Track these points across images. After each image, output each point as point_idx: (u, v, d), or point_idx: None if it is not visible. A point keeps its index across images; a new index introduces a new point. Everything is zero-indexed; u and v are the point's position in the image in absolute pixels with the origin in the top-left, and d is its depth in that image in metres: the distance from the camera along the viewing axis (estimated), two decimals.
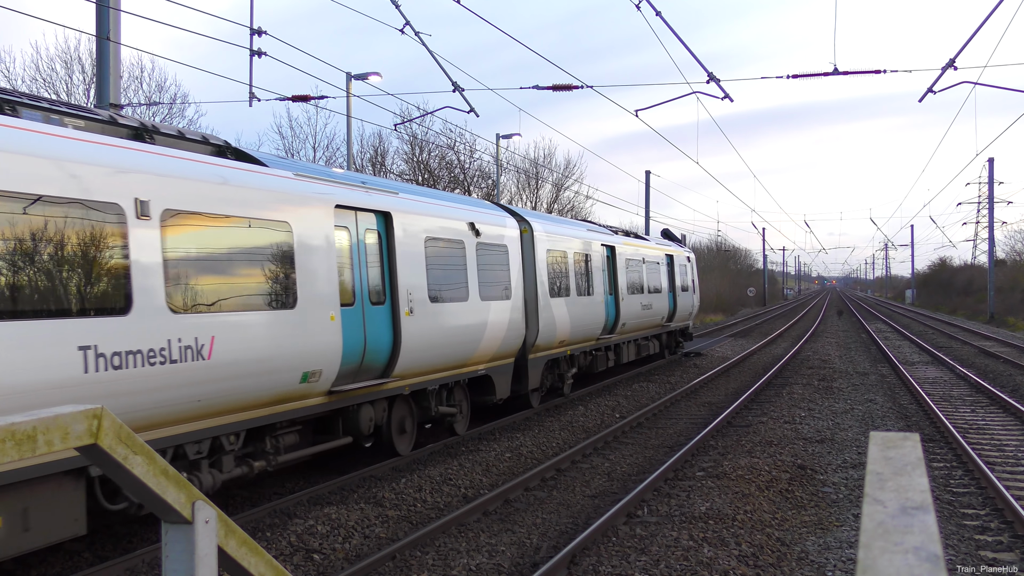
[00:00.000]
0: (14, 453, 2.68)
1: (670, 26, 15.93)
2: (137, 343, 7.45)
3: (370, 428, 11.38)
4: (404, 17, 15.09)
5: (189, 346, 8.01)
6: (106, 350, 7.15)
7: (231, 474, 9.03)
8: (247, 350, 8.79)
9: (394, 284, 11.58)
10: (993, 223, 54.71)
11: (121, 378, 7.27)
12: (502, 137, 36.21)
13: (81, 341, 6.96)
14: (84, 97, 29.62)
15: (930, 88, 17.28)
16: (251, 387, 8.89)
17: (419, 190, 14.78)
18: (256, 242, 9.09)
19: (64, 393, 6.70)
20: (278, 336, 9.24)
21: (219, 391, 8.43)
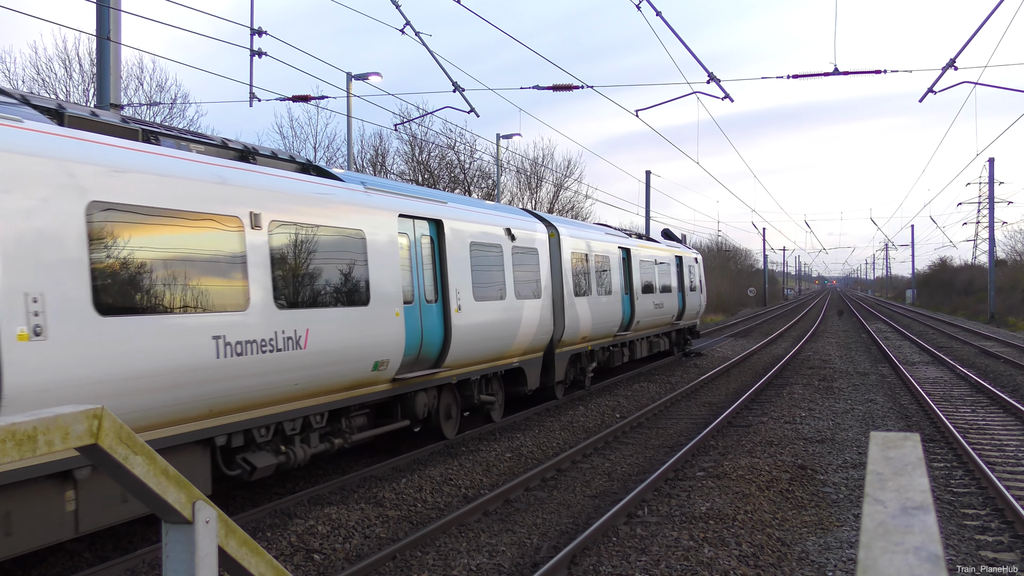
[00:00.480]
0: (14, 453, 2.68)
1: (670, 26, 15.93)
2: (253, 334, 8.85)
3: (424, 413, 12.65)
4: (404, 17, 15.10)
5: (290, 337, 9.39)
6: (231, 340, 8.56)
7: (316, 449, 10.33)
8: (333, 341, 10.11)
9: (445, 284, 12.98)
10: (993, 223, 54.72)
11: (242, 363, 8.65)
12: (502, 137, 36.22)
13: (214, 332, 8.38)
14: (83, 97, 29.63)
15: (930, 88, 17.28)
16: (335, 374, 10.22)
17: (462, 199, 16.47)
18: (338, 247, 10.50)
19: (201, 375, 8.17)
20: (356, 329, 10.59)
21: (311, 376, 9.77)
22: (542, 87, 19.19)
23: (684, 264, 28.36)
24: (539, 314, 16.13)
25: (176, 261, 8.03)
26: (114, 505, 7.53)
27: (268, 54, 15.01)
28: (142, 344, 7.59)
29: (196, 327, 8.16)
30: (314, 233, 10.03)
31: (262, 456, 9.42)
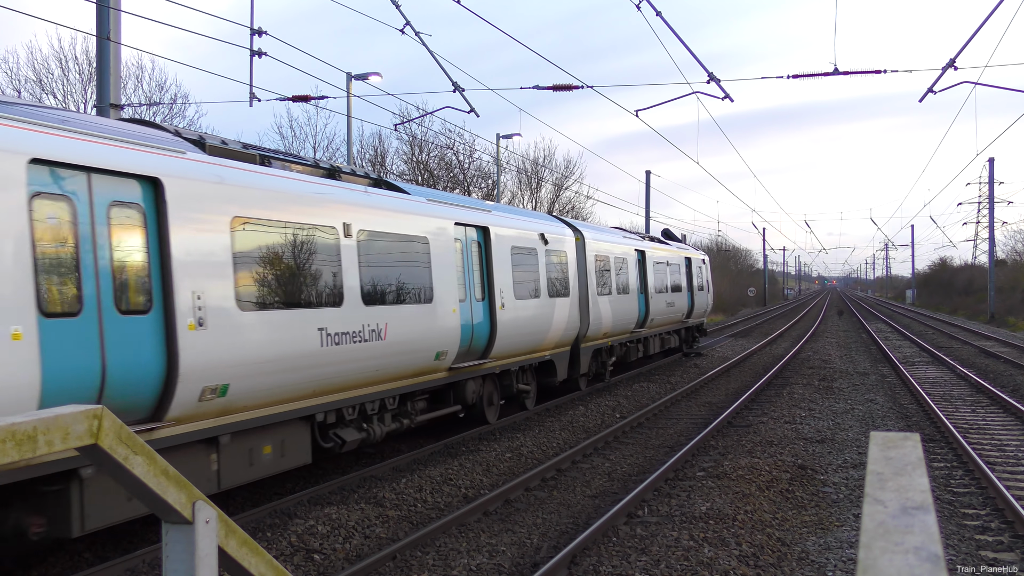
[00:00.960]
0: (14, 453, 2.68)
1: (670, 26, 15.93)
2: (347, 327, 10.41)
3: (474, 399, 14.20)
4: (404, 17, 15.10)
5: (374, 330, 10.97)
6: (331, 331, 10.11)
7: (390, 428, 11.87)
8: (406, 334, 11.67)
9: (491, 284, 14.55)
10: (993, 223, 54.72)
11: (338, 351, 10.21)
12: (502, 137, 36.22)
13: (319, 325, 9.93)
14: (82, 97, 29.63)
15: (930, 88, 17.27)
16: (406, 362, 11.79)
17: (504, 208, 17.96)
18: (408, 252, 12.11)
19: (309, 360, 9.71)
20: (423, 324, 12.17)
21: (389, 364, 11.35)
22: (542, 87, 19.18)
23: (692, 265, 29.68)
24: (568, 311, 17.71)
25: (291, 264, 9.67)
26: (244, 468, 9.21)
27: (268, 54, 15.01)
28: (268, 334, 9.14)
29: (306, 321, 9.77)
30: (390, 240, 11.70)
31: (349, 432, 10.96)
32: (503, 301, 14.75)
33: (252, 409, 9.06)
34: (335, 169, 11.52)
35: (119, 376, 7.45)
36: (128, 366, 7.55)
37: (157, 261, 7.95)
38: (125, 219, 7.73)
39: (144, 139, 8.24)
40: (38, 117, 7.28)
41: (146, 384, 7.78)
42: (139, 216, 7.87)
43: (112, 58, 12.85)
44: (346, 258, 10.56)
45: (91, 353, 7.22)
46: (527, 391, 16.61)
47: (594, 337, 19.47)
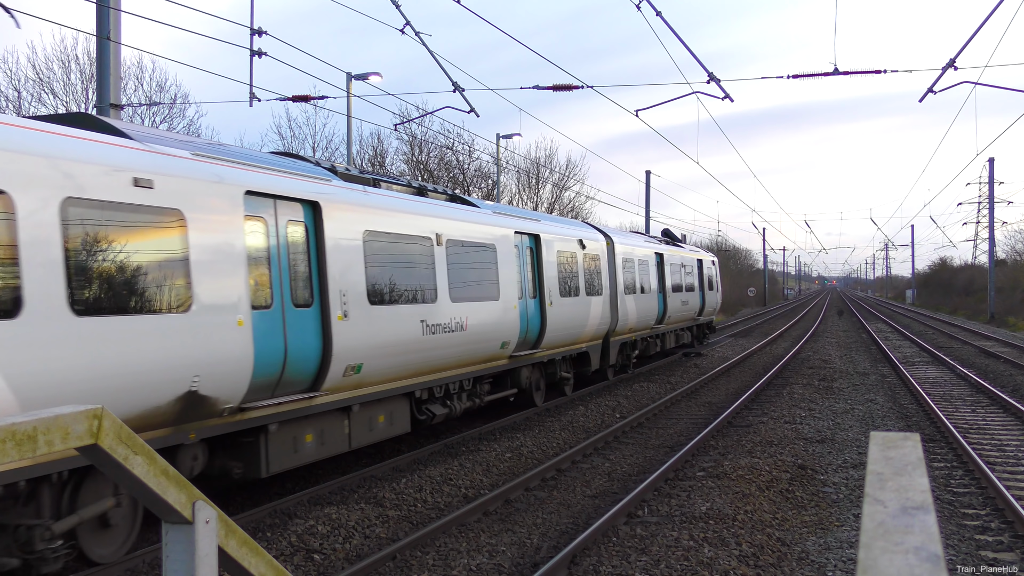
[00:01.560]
0: (14, 453, 2.68)
1: (670, 26, 15.93)
2: (439, 319, 12.63)
3: (526, 384, 16.28)
4: (404, 17, 15.10)
5: (458, 322, 13.19)
6: (429, 323, 12.35)
7: (465, 405, 13.99)
8: (481, 326, 13.91)
9: (541, 283, 16.63)
10: (993, 223, 54.72)
11: (433, 339, 12.47)
12: (503, 137, 36.21)
13: (421, 318, 12.17)
14: (83, 97, 29.63)
15: (930, 88, 17.27)
16: (480, 350, 14.00)
17: (550, 217, 20.71)
18: (481, 257, 14.35)
19: (413, 346, 11.87)
20: (492, 317, 14.41)
21: (468, 351, 13.58)
22: (542, 87, 19.19)
23: (703, 266, 31.75)
24: (601, 308, 19.83)
25: (402, 268, 11.93)
26: (367, 432, 11.34)
27: (268, 54, 15.01)
28: (388, 325, 11.30)
29: (413, 314, 12.00)
30: (469, 246, 13.88)
31: (437, 407, 13.07)
32: (551, 299, 16.93)
33: (374, 385, 11.23)
34: (423, 187, 13.93)
35: (295, 355, 9.62)
36: (300, 347, 9.71)
37: (316, 266, 10.13)
38: (296, 234, 9.92)
39: (300, 170, 10.47)
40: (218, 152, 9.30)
41: (310, 361, 9.91)
42: (303, 231, 10.05)
43: (112, 58, 12.85)
44: (438, 262, 12.81)
45: (279, 336, 9.41)
46: (568, 378, 18.78)
47: (621, 331, 21.53)
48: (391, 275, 11.58)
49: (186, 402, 8.12)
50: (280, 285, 9.48)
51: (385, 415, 11.73)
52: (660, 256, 25.69)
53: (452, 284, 13.07)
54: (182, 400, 8.06)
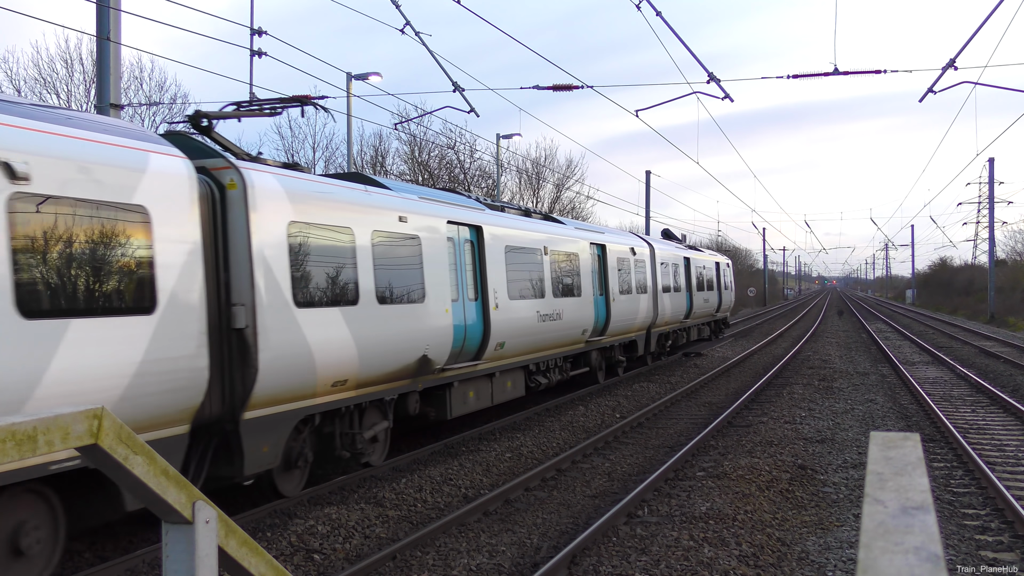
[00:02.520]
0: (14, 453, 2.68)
1: (670, 26, 15.94)
2: (546, 311, 16.51)
3: (594, 364, 20.28)
4: (404, 17, 15.10)
5: (558, 314, 17.09)
6: (542, 314, 16.29)
7: (556, 378, 17.74)
8: (572, 317, 17.90)
9: (606, 283, 20.65)
10: (993, 223, 54.71)
11: (543, 326, 16.35)
12: (503, 137, 36.21)
13: (536, 309, 16.03)
14: (85, 97, 29.64)
15: (930, 88, 17.27)
16: (569, 336, 17.97)
17: (609, 229, 25.11)
18: (571, 262, 18.42)
19: (530, 330, 15.78)
20: (579, 311, 18.43)
21: (561, 336, 17.52)
22: (542, 87, 19.21)
23: (719, 268, 35.66)
24: (647, 304, 23.91)
25: (524, 271, 15.87)
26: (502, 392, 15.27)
27: (268, 54, 15.01)
28: (519, 314, 15.36)
29: (532, 307, 15.95)
30: (563, 255, 18.00)
31: (541, 378, 16.92)
32: (614, 296, 20.85)
33: (509, 358, 15.23)
34: (530, 210, 18.66)
35: (470, 334, 13.69)
36: (472, 329, 13.79)
37: (479, 271, 14.30)
38: (467, 248, 14.11)
39: (465, 203, 14.76)
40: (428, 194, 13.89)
41: (476, 339, 13.95)
42: (471, 246, 14.20)
43: (112, 58, 12.84)
44: (546, 269, 16.86)
45: (461, 321, 13.40)
46: (622, 361, 22.69)
47: (660, 324, 25.47)
48: (521, 277, 15.74)
49: (421, 362, 12.14)
50: (462, 284, 13.67)
51: (512, 381, 15.81)
52: (687, 260, 29.82)
53: (554, 284, 17.20)
54: (420, 361, 12.09)
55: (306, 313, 9.64)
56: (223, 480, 9.00)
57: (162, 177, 8.04)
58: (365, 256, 10.88)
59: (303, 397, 9.76)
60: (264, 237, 9.09)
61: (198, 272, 8.30)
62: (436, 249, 12.75)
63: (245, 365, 8.84)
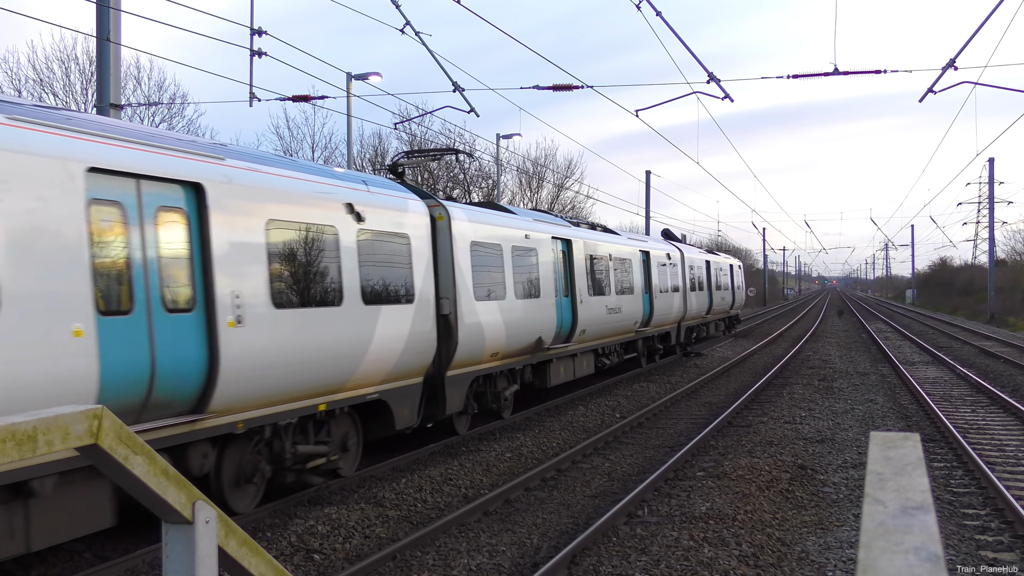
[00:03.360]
0: (14, 453, 2.68)
1: (670, 26, 15.93)
2: (613, 305, 20.58)
3: (640, 350, 24.26)
4: (404, 17, 15.10)
5: (619, 308, 21.15)
6: (608, 307, 20.18)
7: (615, 360, 21.68)
8: (628, 310, 21.93)
9: (649, 282, 24.52)
10: (993, 223, 54.71)
11: (609, 317, 20.32)
12: (503, 137, 36.20)
13: (605, 304, 20.20)
14: (83, 96, 29.62)
15: (930, 88, 17.27)
16: (625, 326, 21.92)
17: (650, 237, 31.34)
18: (626, 265, 22.26)
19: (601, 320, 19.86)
20: (633, 306, 22.52)
21: (620, 326, 21.51)
22: (542, 87, 19.20)
23: (733, 269, 40.29)
24: (679, 301, 28.00)
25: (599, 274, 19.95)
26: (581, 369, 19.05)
27: (268, 54, 15.01)
28: (595, 308, 19.19)
29: (602, 302, 19.90)
30: (621, 260, 22.02)
31: (605, 359, 20.91)
32: (656, 294, 24.94)
33: (586, 343, 19.02)
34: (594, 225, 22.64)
35: (564, 322, 17.52)
36: (566, 318, 17.64)
37: (569, 272, 18.13)
38: (562, 258, 17.98)
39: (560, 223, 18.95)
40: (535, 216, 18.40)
41: (568, 326, 17.77)
42: (563, 255, 18.05)
43: (112, 59, 12.84)
44: (612, 272, 20.98)
45: (559, 312, 17.27)
46: (660, 349, 26.64)
47: (687, 318, 29.33)
48: (595, 278, 19.73)
49: (537, 343, 16.17)
50: (562, 283, 17.75)
51: (586, 361, 19.41)
52: (708, 263, 34.15)
53: (617, 284, 21.33)
54: (536, 341, 16.11)
55: (481, 304, 13.98)
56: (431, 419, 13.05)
57: (414, 215, 12.35)
58: (509, 264, 15.31)
59: (476, 364, 14.02)
60: (460, 252, 13.46)
61: (430, 276, 12.53)
62: (546, 257, 17.05)
63: (449, 339, 13.01)
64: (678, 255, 28.49)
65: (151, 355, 7.68)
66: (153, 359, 7.69)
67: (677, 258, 28.27)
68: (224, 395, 8.37)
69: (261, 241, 9.01)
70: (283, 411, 9.43)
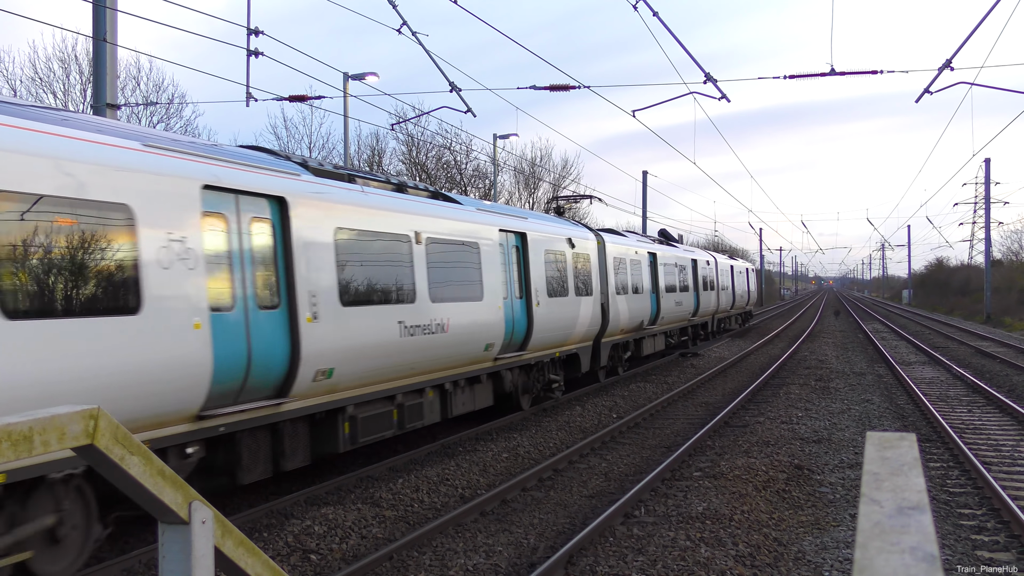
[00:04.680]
0: (10, 454, 2.67)
1: (667, 26, 15.95)
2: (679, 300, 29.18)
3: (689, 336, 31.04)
4: (401, 17, 15.09)
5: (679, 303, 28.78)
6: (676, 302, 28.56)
7: (675, 340, 29.14)
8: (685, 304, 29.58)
9: (697, 283, 31.36)
10: (989, 223, 54.79)
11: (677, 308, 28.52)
12: (499, 137, 36.21)
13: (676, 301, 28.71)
14: (81, 97, 29.59)
15: (927, 89, 17.30)
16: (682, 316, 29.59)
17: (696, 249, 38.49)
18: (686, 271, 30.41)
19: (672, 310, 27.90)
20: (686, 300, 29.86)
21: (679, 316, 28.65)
22: (539, 87, 19.20)
23: (748, 272, 47.99)
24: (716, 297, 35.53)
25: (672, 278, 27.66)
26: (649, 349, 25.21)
27: (265, 54, 14.99)
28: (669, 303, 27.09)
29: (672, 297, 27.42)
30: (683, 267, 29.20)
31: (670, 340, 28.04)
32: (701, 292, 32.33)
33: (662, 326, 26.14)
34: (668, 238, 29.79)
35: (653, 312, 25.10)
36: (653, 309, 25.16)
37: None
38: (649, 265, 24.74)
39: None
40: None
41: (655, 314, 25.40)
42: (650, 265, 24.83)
43: (109, 59, 12.83)
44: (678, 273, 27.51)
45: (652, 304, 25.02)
46: (686, 339, 31.63)
47: (719, 312, 37.23)
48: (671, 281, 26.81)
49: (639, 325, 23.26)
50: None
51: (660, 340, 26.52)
52: (732, 267, 41.58)
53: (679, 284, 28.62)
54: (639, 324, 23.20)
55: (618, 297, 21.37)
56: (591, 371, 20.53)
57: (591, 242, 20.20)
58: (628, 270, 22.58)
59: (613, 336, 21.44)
60: (609, 265, 21.18)
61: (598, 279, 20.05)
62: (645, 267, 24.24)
63: (604, 319, 20.30)
64: (714, 262, 36.81)
65: (248, 346, 8.80)
66: (249, 349, 8.82)
67: (713, 264, 36.59)
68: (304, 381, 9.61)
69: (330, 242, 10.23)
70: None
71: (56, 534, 7.18)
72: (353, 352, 10.38)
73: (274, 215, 9.45)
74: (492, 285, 14.25)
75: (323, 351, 9.81)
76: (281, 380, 9.35)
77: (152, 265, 7.66)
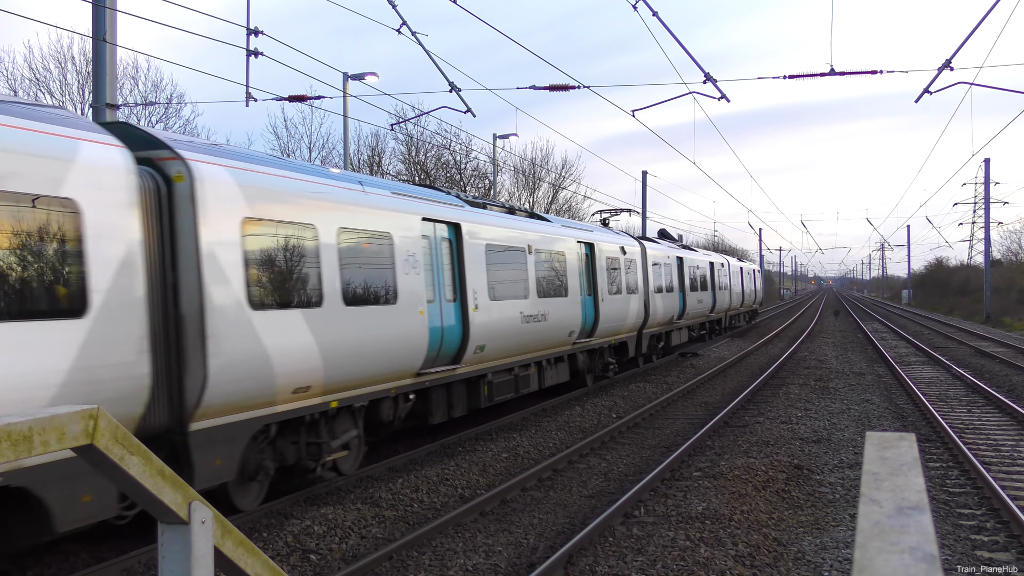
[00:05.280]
0: (10, 454, 2.67)
1: (667, 26, 15.94)
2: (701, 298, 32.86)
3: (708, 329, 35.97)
4: (401, 17, 15.09)
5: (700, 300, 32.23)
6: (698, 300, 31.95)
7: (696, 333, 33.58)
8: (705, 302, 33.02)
9: (715, 284, 36.02)
10: (989, 223, 54.78)
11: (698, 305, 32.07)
12: (499, 137, 36.20)
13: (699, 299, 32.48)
14: (79, 96, 29.58)
15: (926, 89, 17.30)
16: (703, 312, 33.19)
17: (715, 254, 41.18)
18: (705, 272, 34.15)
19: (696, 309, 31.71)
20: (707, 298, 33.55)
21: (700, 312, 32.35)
22: (539, 87, 19.18)
23: (755, 273, 51.67)
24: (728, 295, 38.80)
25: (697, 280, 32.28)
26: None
27: (264, 54, 14.98)
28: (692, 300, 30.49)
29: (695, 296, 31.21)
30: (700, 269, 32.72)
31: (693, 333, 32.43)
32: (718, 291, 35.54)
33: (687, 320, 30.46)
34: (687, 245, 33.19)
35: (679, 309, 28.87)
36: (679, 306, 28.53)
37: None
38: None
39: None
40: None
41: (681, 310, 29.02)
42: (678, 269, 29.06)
43: (108, 59, 12.81)
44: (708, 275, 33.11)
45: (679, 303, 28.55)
46: (716, 329, 37.45)
47: (731, 309, 40.77)
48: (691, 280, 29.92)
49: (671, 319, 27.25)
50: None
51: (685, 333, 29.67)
52: (741, 268, 45.46)
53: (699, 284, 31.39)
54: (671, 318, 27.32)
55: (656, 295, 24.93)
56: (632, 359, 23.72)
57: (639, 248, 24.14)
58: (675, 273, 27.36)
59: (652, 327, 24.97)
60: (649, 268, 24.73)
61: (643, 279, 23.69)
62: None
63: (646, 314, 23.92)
64: (732, 264, 41.75)
65: (441, 327, 12.67)
66: (442, 330, 12.68)
67: (731, 266, 41.10)
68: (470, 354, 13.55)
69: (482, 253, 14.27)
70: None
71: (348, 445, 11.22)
72: (496, 333, 14.38)
73: (452, 235, 13.42)
74: (572, 285, 18.14)
75: (480, 333, 13.71)
76: (455, 352, 13.17)
77: (400, 273, 11.53)
